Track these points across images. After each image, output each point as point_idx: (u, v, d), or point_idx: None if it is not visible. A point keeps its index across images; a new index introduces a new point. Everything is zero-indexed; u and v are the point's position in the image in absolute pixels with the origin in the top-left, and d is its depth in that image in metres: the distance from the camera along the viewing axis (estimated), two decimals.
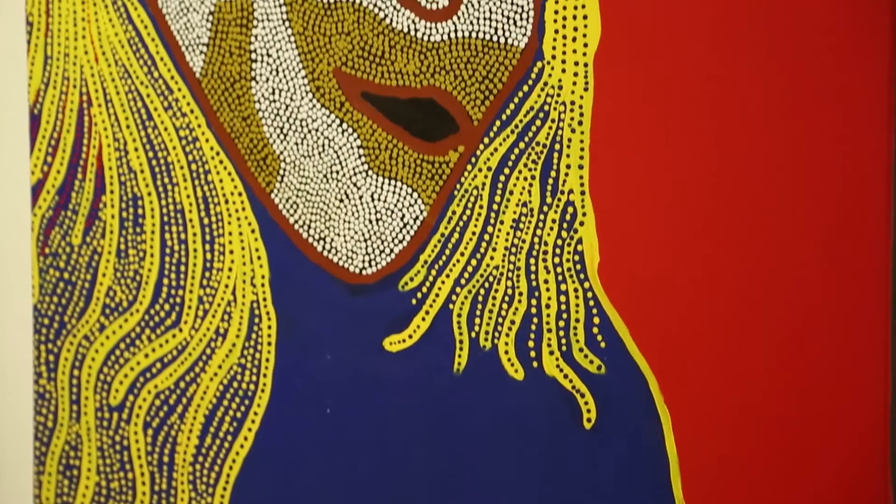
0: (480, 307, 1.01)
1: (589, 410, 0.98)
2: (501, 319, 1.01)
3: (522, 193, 0.99)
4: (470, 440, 1.02)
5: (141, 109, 1.15)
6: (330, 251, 1.08)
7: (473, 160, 1.01)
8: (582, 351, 0.98)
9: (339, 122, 1.06)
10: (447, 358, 1.03)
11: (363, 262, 1.06)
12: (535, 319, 0.99)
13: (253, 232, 1.11)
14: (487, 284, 1.01)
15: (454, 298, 1.02)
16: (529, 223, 0.99)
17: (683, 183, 0.94)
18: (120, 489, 1.19)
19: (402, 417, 1.05)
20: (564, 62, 0.97)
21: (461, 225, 1.02)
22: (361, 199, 1.06)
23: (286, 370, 1.11)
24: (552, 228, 0.98)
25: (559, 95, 0.97)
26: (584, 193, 0.97)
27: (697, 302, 0.94)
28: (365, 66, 1.05)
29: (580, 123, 0.97)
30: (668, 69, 0.93)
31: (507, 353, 1.01)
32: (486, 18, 0.99)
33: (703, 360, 0.94)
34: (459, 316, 1.02)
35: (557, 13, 0.97)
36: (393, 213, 1.05)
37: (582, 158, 0.97)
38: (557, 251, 0.98)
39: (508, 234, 1.00)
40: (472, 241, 1.02)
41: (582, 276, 0.97)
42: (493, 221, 1.01)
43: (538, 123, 0.98)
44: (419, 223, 1.04)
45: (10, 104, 1.24)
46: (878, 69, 0.87)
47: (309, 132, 1.08)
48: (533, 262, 0.99)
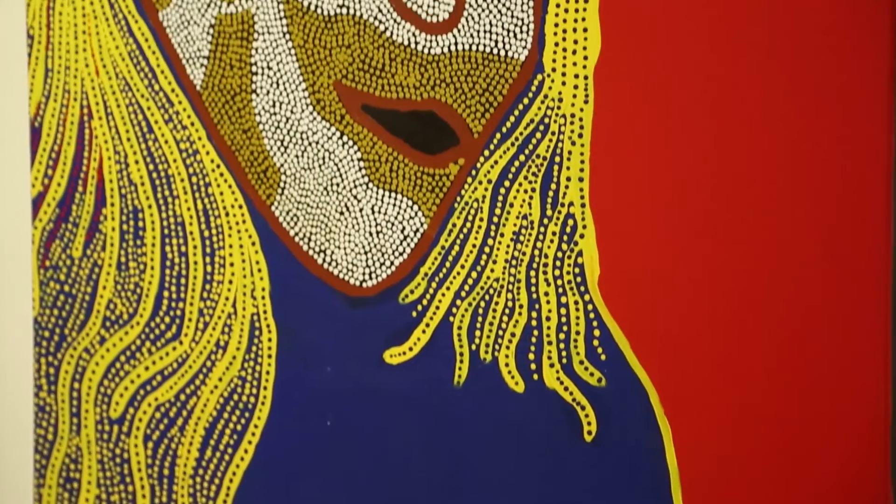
0: (481, 320, 1.01)
1: (589, 423, 0.98)
2: (502, 332, 1.01)
3: (523, 206, 0.99)
4: (470, 453, 1.02)
5: (141, 122, 1.15)
6: (330, 264, 1.08)
7: (474, 173, 1.01)
8: (582, 363, 0.98)
9: (339, 134, 1.07)
10: (447, 370, 1.03)
11: (363, 274, 1.06)
12: (535, 332, 0.99)
13: (253, 244, 1.11)
14: (488, 297, 1.01)
15: (454, 311, 1.02)
16: (530, 236, 0.99)
17: (684, 195, 0.94)
18: (120, 502, 1.19)
19: (402, 430, 1.05)
20: (565, 75, 0.97)
21: (461, 237, 1.02)
22: (362, 211, 1.06)
23: (286, 383, 1.10)
24: (552, 241, 0.98)
25: (559, 108, 0.97)
26: (584, 206, 0.97)
27: (697, 314, 0.94)
28: (365, 78, 1.05)
29: (580, 136, 0.97)
30: (668, 81, 0.93)
31: (507, 365, 1.00)
32: (486, 31, 1.00)
33: (703, 372, 0.94)
34: (460, 328, 1.02)
35: (558, 26, 0.97)
36: (393, 225, 1.05)
37: (582, 171, 0.97)
38: (558, 264, 0.98)
39: (509, 246, 1.00)
40: (472, 253, 1.02)
41: (582, 288, 0.97)
42: (493, 234, 1.01)
43: (538, 136, 0.98)
44: (419, 236, 1.04)
45: (10, 117, 1.24)
46: (878, 69, 0.87)
47: (309, 145, 1.08)
48: (533, 274, 0.99)
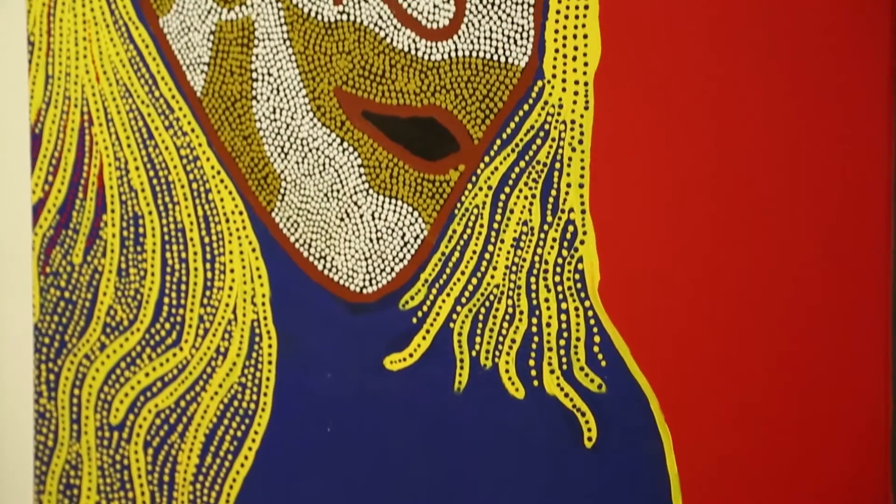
0: (481, 326, 1.01)
1: (590, 429, 0.98)
2: (502, 338, 1.01)
3: (523, 212, 0.99)
4: (471, 459, 1.02)
5: (142, 128, 1.15)
6: (330, 270, 1.08)
7: (474, 179, 1.01)
8: (583, 370, 0.98)
9: (339, 140, 1.07)
10: (448, 377, 1.03)
11: (364, 280, 1.06)
12: (535, 338, 0.99)
13: (254, 251, 1.11)
14: (488, 303, 1.01)
15: (455, 317, 1.02)
16: (530, 242, 0.99)
17: (684, 201, 0.94)
18: None
19: (402, 436, 1.05)
20: (565, 81, 0.97)
21: (462, 244, 1.02)
22: (362, 217, 1.06)
23: (287, 389, 1.10)
24: (553, 247, 0.98)
25: (559, 114, 0.97)
26: (584, 212, 0.97)
27: (698, 321, 0.94)
28: (366, 85, 1.05)
29: (580, 142, 0.97)
30: (668, 87, 0.93)
31: (507, 371, 1.00)
32: (486, 38, 1.00)
33: (703, 378, 0.94)
34: (460, 335, 1.02)
35: (558, 32, 0.97)
36: (393, 231, 1.05)
37: (582, 177, 0.97)
38: (558, 270, 0.98)
39: (509, 252, 1.00)
40: (472, 259, 1.02)
41: (582, 294, 0.97)
42: (493, 240, 1.01)
43: (538, 142, 0.98)
44: (420, 242, 1.04)
45: (11, 123, 1.24)
46: (878, 69, 0.87)
47: (310, 151, 1.08)
48: (533, 280, 0.99)
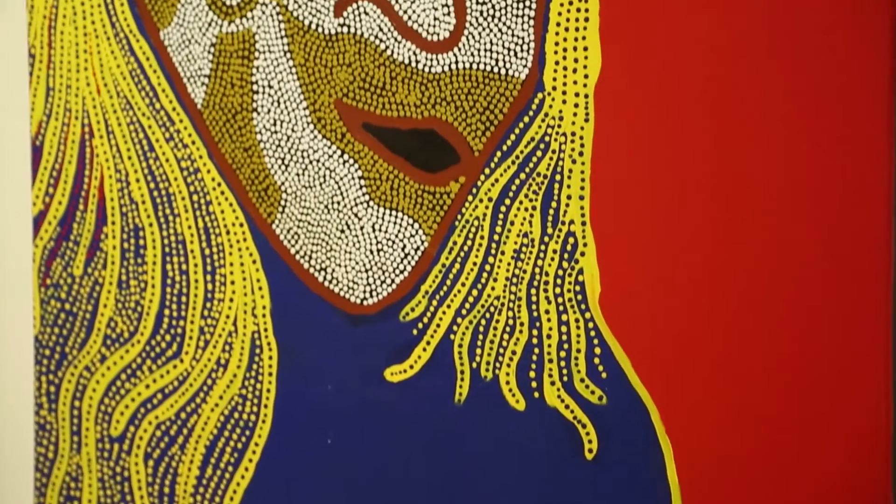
0: (481, 337, 1.01)
1: (590, 441, 0.98)
2: (503, 350, 1.01)
3: (523, 224, 0.99)
4: (471, 470, 1.02)
5: (142, 140, 1.15)
6: (331, 282, 1.08)
7: (474, 191, 1.01)
8: (583, 381, 0.98)
9: (340, 152, 1.07)
10: (448, 388, 1.03)
11: (364, 292, 1.06)
12: (536, 350, 0.99)
13: (254, 262, 1.11)
14: (488, 315, 1.01)
15: (455, 329, 1.02)
16: (530, 254, 0.99)
17: (684, 213, 0.94)
18: None
19: (403, 448, 1.05)
20: (565, 93, 0.97)
21: (462, 255, 1.02)
22: (362, 229, 1.06)
23: (287, 401, 1.10)
24: (553, 259, 0.98)
25: (560, 126, 0.97)
26: (584, 224, 0.97)
27: (698, 332, 0.94)
28: (366, 97, 1.05)
29: (581, 154, 0.97)
30: (668, 99, 0.94)
31: (508, 383, 1.00)
32: (486, 50, 1.00)
33: (704, 390, 0.94)
34: (461, 346, 1.02)
35: (558, 45, 0.97)
36: (394, 243, 1.05)
37: (583, 189, 0.97)
38: (558, 281, 0.98)
39: (509, 264, 1.00)
40: (473, 271, 1.02)
41: (583, 306, 0.97)
42: (493, 252, 1.01)
43: (539, 154, 0.98)
44: (420, 254, 1.04)
45: (11, 136, 1.24)
46: (878, 69, 0.87)
47: (310, 163, 1.08)
48: (534, 292, 0.99)
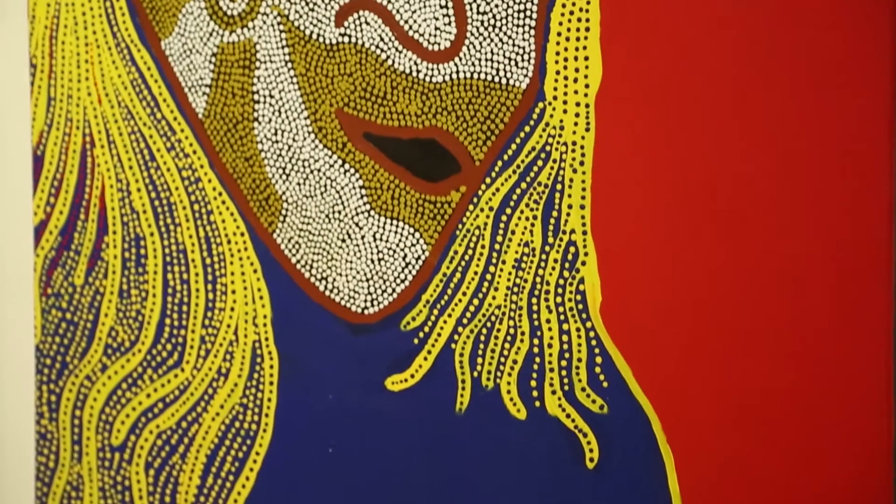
0: (482, 347, 1.02)
1: (591, 450, 0.98)
2: (504, 359, 1.01)
3: (524, 233, 0.99)
4: (472, 480, 1.02)
5: (144, 150, 1.15)
6: (332, 291, 1.08)
7: (475, 200, 1.01)
8: (584, 390, 0.98)
9: (341, 162, 1.07)
10: (449, 397, 1.03)
11: (365, 301, 1.06)
12: (537, 359, 0.99)
13: (255, 272, 1.11)
14: (489, 324, 1.01)
15: (456, 338, 1.03)
16: (531, 263, 0.99)
17: (685, 223, 0.94)
18: None
19: (404, 457, 1.05)
20: (566, 103, 0.97)
21: (463, 265, 1.02)
22: (363, 238, 1.06)
23: (288, 410, 1.11)
24: (554, 268, 0.98)
25: (561, 136, 0.98)
26: (585, 233, 0.97)
27: (699, 342, 0.94)
28: (367, 106, 1.05)
29: (582, 164, 0.97)
30: (669, 109, 0.94)
31: (509, 392, 1.01)
32: (487, 59, 1.00)
33: (705, 400, 0.94)
34: (461, 355, 1.02)
35: (559, 54, 0.97)
36: (395, 252, 1.05)
37: (583, 198, 0.97)
38: (559, 291, 0.98)
39: (510, 273, 1.00)
40: (473, 280, 1.02)
41: (584, 315, 0.97)
42: (494, 261, 1.01)
43: (540, 164, 0.98)
44: (421, 263, 1.04)
45: (13, 145, 1.24)
46: (878, 69, 0.87)
47: (311, 172, 1.08)
48: (535, 301, 0.99)
